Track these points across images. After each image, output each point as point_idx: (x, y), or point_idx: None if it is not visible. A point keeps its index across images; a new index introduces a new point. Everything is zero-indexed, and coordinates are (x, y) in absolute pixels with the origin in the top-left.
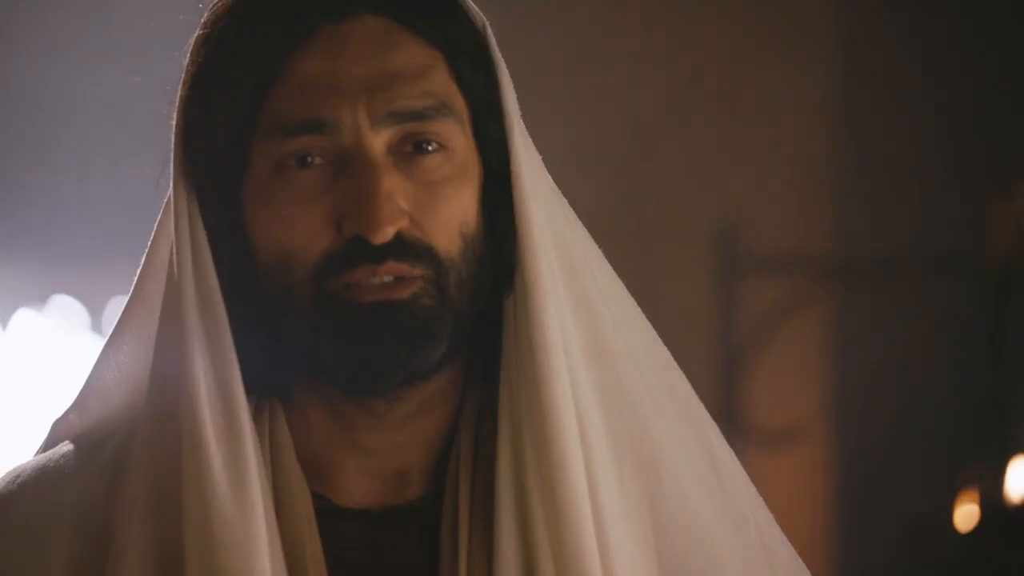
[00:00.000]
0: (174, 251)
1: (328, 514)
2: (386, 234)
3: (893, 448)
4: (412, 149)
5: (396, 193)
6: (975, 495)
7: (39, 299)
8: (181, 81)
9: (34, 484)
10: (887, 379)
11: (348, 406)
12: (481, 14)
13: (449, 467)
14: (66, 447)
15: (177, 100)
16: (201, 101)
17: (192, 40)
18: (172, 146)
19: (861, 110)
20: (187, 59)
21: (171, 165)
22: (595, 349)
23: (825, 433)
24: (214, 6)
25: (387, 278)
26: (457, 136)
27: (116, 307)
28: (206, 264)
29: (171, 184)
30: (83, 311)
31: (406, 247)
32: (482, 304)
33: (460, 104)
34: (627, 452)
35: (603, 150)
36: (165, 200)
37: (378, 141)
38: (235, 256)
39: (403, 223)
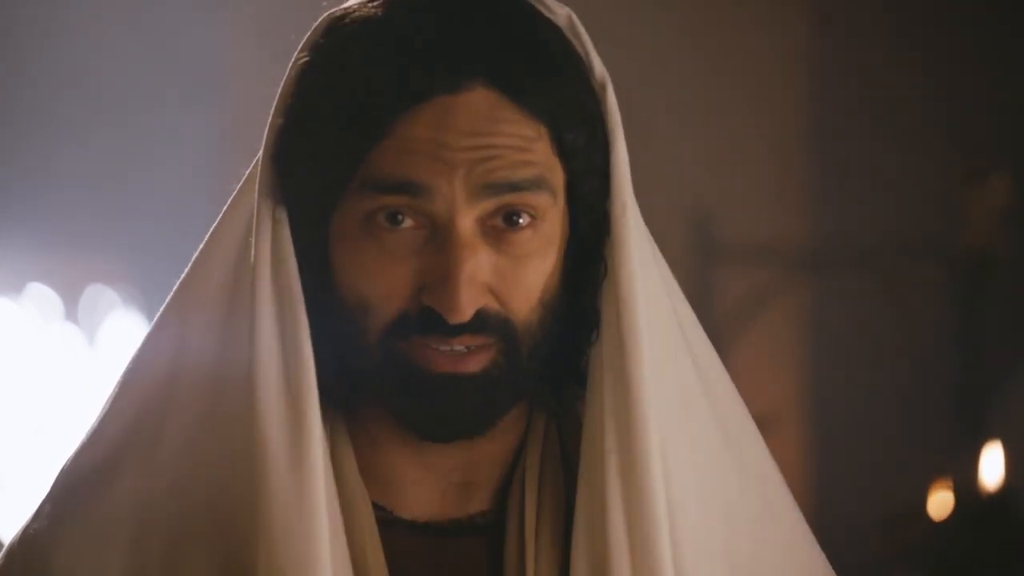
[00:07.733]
0: (254, 248)
1: (390, 526)
2: (464, 317)
3: (867, 437)
4: (503, 222)
5: (480, 271)
6: (949, 483)
7: (13, 288)
8: (276, 105)
9: (89, 485)
10: (861, 368)
11: (413, 433)
12: (604, 70)
13: (514, 483)
14: (119, 445)
15: (269, 125)
16: (299, 138)
17: (292, 63)
18: (260, 165)
19: (837, 101)
20: (287, 83)
21: (257, 182)
22: (684, 400)
23: (800, 422)
24: (320, 36)
25: (459, 348)
26: (549, 208)
27: (91, 296)
28: (290, 272)
29: (256, 203)
30: (58, 300)
31: (485, 321)
32: (557, 348)
33: (557, 174)
34: (714, 501)
35: None
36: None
37: (470, 216)
38: (313, 272)
39: (483, 301)
